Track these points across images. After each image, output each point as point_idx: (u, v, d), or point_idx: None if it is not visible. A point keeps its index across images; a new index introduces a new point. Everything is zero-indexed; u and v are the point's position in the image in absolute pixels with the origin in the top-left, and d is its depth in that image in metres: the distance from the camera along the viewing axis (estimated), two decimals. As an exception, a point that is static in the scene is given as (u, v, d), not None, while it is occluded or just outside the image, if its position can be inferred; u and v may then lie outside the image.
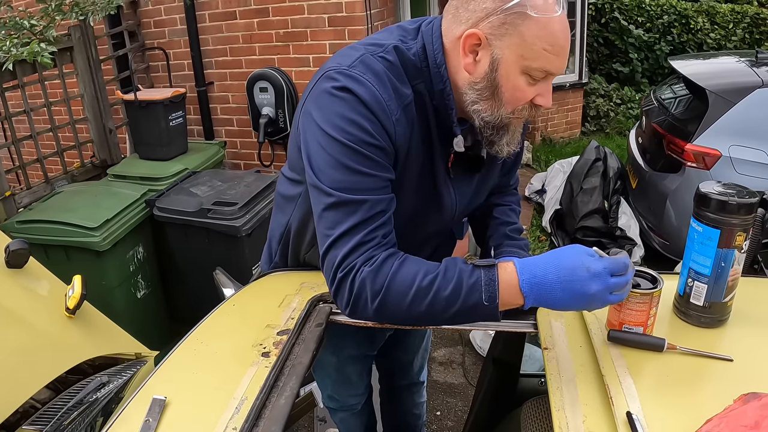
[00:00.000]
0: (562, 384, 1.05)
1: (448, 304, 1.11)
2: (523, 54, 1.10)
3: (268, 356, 1.19)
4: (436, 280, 1.11)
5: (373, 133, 1.12)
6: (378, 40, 1.22)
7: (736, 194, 1.14)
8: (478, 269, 1.11)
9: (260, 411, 1.06)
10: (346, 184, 1.13)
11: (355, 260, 1.13)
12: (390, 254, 1.14)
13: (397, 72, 1.18)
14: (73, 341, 2.07)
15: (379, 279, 1.11)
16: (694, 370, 1.09)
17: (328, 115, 1.14)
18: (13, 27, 3.17)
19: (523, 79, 1.13)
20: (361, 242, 1.13)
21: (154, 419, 1.04)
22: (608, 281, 1.04)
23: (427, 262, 1.15)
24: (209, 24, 4.25)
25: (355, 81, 1.13)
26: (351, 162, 1.12)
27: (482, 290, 1.09)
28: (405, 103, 1.18)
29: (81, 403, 1.90)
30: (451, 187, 1.35)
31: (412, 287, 1.11)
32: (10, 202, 3.43)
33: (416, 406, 2.20)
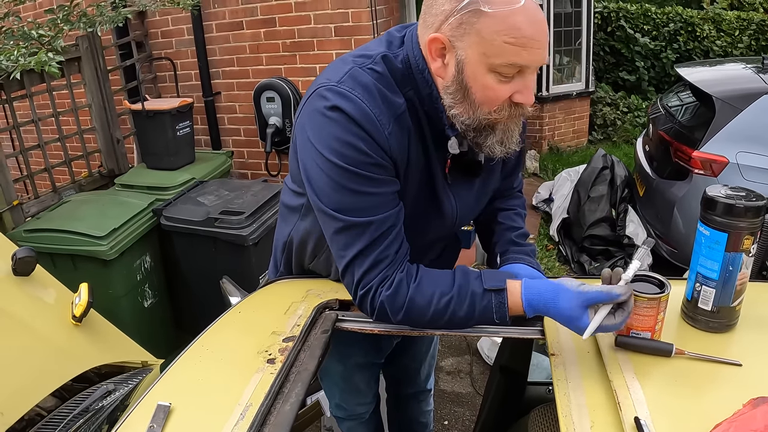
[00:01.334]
0: (569, 390, 1.04)
1: (463, 322, 1.22)
2: (484, 52, 1.08)
3: (274, 363, 1.19)
4: (452, 302, 1.19)
5: (368, 152, 1.13)
6: (367, 51, 1.22)
7: (743, 197, 1.14)
8: (489, 293, 1.19)
9: (265, 417, 1.05)
10: (350, 206, 1.16)
11: (371, 281, 1.19)
12: (405, 273, 1.20)
13: (386, 82, 1.17)
14: (79, 349, 2.06)
15: (398, 301, 1.20)
16: (703, 375, 1.09)
17: (323, 136, 1.15)
18: (22, 37, 3.19)
19: (492, 77, 1.10)
20: (374, 263, 1.18)
21: (158, 425, 1.04)
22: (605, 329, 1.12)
23: (441, 277, 1.21)
24: (216, 34, 4.27)
25: (344, 98, 1.13)
26: (352, 184, 1.14)
27: (494, 312, 1.19)
28: (398, 113, 1.17)
29: (87, 411, 1.90)
30: (450, 193, 1.34)
31: (429, 308, 1.20)
32: (17, 211, 3.45)
33: (423, 414, 2.19)
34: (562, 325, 1.16)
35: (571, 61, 7.13)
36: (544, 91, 6.91)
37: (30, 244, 3.13)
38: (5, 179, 3.40)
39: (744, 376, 1.07)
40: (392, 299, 1.19)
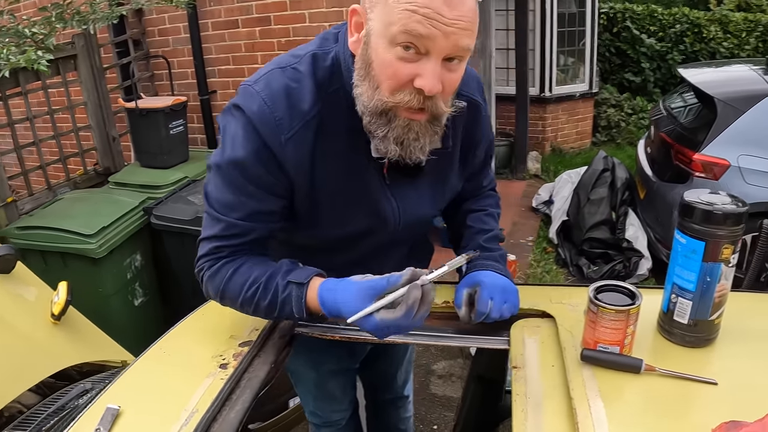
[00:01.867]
0: (528, 406, 0.99)
1: (268, 311, 1.23)
2: (386, 19, 1.00)
3: (226, 368, 1.19)
4: (258, 292, 1.21)
5: (254, 155, 1.12)
6: (299, 50, 1.19)
7: (722, 203, 1.07)
8: (291, 285, 1.19)
9: (210, 424, 1.04)
10: (215, 196, 1.20)
11: (203, 264, 1.25)
12: (228, 261, 1.23)
13: (305, 84, 1.13)
14: (57, 347, 2.06)
15: (215, 284, 1.24)
16: (674, 394, 1.02)
17: (223, 129, 1.18)
18: (15, 35, 3.17)
19: (393, 52, 1.02)
20: (210, 252, 1.23)
21: (105, 428, 1.05)
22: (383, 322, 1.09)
23: (259, 269, 1.22)
24: (212, 33, 4.24)
25: (249, 98, 1.13)
26: (221, 181, 1.18)
27: (293, 305, 1.19)
28: (309, 116, 1.13)
29: (63, 409, 1.89)
30: (390, 195, 1.28)
31: (239, 296, 1.22)
32: (12, 208, 3.44)
33: (402, 421, 2.13)
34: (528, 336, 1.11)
35: (575, 61, 7.07)
36: (546, 92, 6.86)
37: (22, 242, 3.14)
38: (0, 176, 3.38)
39: (719, 397, 1.01)
40: (211, 281, 1.24)
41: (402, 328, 1.10)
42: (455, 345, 1.30)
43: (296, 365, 1.72)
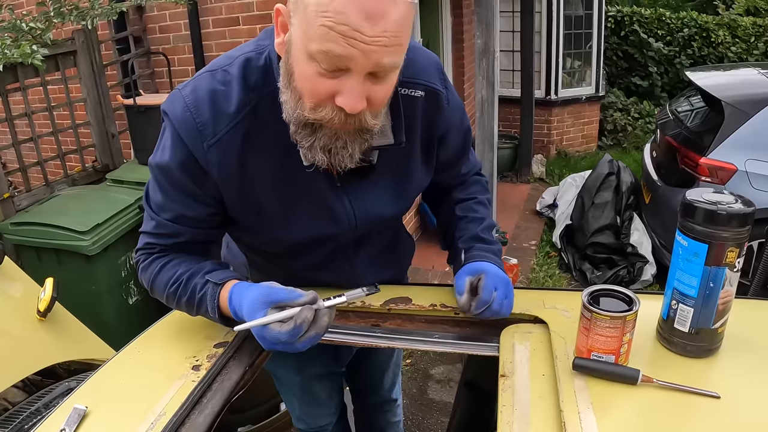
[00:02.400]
0: (514, 418, 0.93)
1: (189, 309, 1.24)
2: (305, 32, 0.92)
3: (198, 370, 1.15)
4: (179, 289, 1.21)
5: (177, 160, 1.11)
6: (236, 51, 1.15)
7: (726, 203, 1.00)
8: (209, 284, 1.19)
9: (177, 428, 1.00)
10: (150, 195, 1.22)
11: (139, 256, 1.29)
12: (158, 257, 1.25)
13: (233, 88, 1.09)
14: (42, 344, 2.04)
15: (146, 277, 1.27)
16: (673, 408, 0.95)
17: (161, 132, 1.16)
18: (13, 29, 3.15)
19: (312, 67, 0.94)
20: (143, 247, 1.27)
21: (70, 429, 1.03)
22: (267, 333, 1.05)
23: (183, 266, 1.23)
24: (213, 30, 4.19)
25: (174, 105, 1.10)
26: (153, 182, 1.19)
27: (207, 304, 1.19)
28: (234, 121, 1.09)
29: (47, 407, 1.88)
30: (342, 195, 1.22)
31: (164, 291, 1.24)
32: (8, 204, 3.41)
33: (390, 426, 2.08)
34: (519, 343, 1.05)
35: (582, 64, 7.00)
36: (552, 95, 6.80)
37: (16, 238, 3.14)
38: (-3, 172, 3.35)
39: (721, 411, 0.94)
40: (143, 274, 1.27)
41: (287, 346, 1.06)
42: (441, 350, 1.24)
43: (280, 369, 1.67)
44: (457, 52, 5.85)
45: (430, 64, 1.23)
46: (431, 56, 1.26)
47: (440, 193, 1.49)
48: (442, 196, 1.49)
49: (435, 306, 1.32)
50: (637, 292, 1.14)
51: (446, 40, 5.54)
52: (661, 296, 1.16)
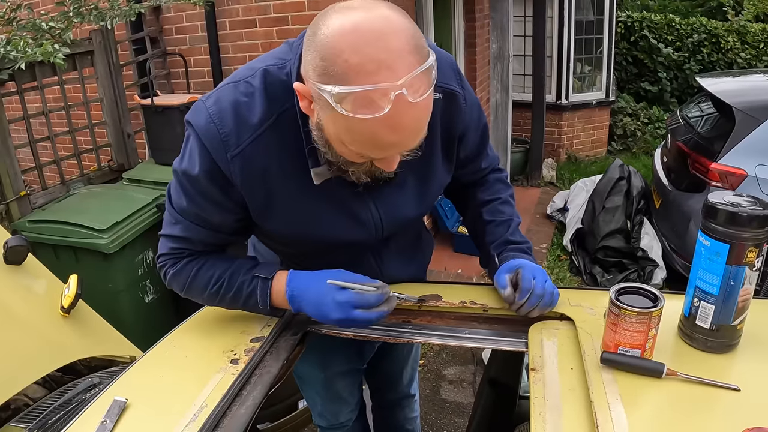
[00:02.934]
0: (546, 410, 0.96)
1: (232, 304, 1.30)
2: (340, 135, 0.97)
3: (237, 363, 1.17)
4: (222, 287, 1.27)
5: (201, 169, 1.12)
6: (256, 63, 1.16)
7: (747, 205, 1.04)
8: (257, 279, 1.26)
9: (219, 420, 1.02)
10: (174, 199, 1.23)
11: (165, 262, 1.31)
12: (190, 261, 1.29)
13: (256, 99, 1.10)
14: (66, 340, 2.05)
15: (180, 281, 1.30)
16: (696, 400, 0.99)
17: (185, 140, 1.18)
18: (32, 28, 3.19)
19: (344, 145, 0.99)
20: (170, 252, 1.29)
21: (111, 421, 1.04)
22: (351, 313, 1.17)
23: (222, 265, 1.28)
24: (229, 31, 4.23)
25: (199, 115, 1.12)
26: (177, 187, 1.20)
27: (257, 297, 1.26)
28: (258, 132, 1.10)
29: (69, 403, 1.89)
30: (368, 201, 1.25)
31: (204, 292, 1.28)
32: (25, 202, 3.45)
33: (408, 421, 2.11)
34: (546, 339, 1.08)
35: (592, 69, 7.03)
36: (563, 99, 6.82)
37: (33, 235, 3.14)
38: (14, 170, 3.39)
39: (742, 403, 0.97)
40: (176, 279, 1.30)
41: (366, 313, 1.19)
42: (472, 346, 1.27)
43: (304, 367, 1.70)
44: (470, 56, 5.88)
45: (445, 64, 1.23)
46: (446, 56, 1.26)
47: (462, 190, 1.52)
48: (465, 194, 1.52)
49: (465, 303, 1.36)
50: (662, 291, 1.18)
51: (459, 44, 5.56)
52: (681, 295, 1.19)
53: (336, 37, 0.89)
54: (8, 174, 3.36)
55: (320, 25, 0.93)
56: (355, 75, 0.87)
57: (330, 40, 0.89)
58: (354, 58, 0.87)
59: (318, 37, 0.91)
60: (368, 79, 0.87)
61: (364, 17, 0.89)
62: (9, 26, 3.27)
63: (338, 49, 0.88)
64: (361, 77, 0.87)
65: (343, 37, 0.88)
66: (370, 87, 0.87)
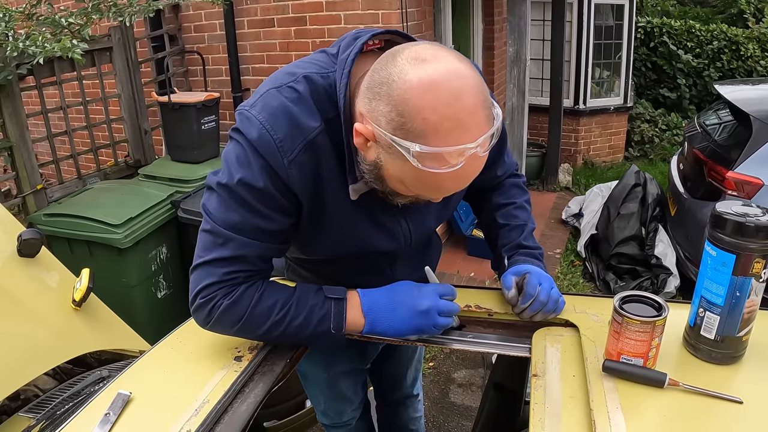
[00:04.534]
0: (546, 416, 0.96)
1: (298, 331, 1.20)
2: (402, 179, 1.01)
3: (240, 361, 1.18)
4: (291, 310, 1.20)
5: (260, 177, 1.09)
6: (295, 68, 1.15)
7: (755, 216, 1.03)
8: (329, 301, 1.22)
9: (220, 416, 1.04)
10: (221, 216, 1.13)
11: (215, 292, 1.16)
12: (249, 286, 1.18)
13: (304, 104, 1.09)
14: (76, 333, 2.07)
15: (239, 311, 1.17)
16: (697, 411, 0.98)
17: (227, 152, 1.14)
18: (52, 24, 3.23)
19: (405, 187, 1.05)
20: (223, 279, 1.16)
21: (114, 413, 1.06)
22: (437, 299, 1.23)
23: (284, 291, 1.22)
24: (247, 30, 4.26)
25: (248, 123, 1.09)
26: (229, 200, 1.12)
27: (331, 321, 1.21)
28: (311, 136, 1.09)
29: (78, 395, 1.91)
30: (400, 218, 1.28)
31: (268, 320, 1.18)
32: (41, 195, 3.50)
33: (412, 421, 2.12)
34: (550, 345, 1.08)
35: (611, 75, 6.99)
36: (581, 104, 6.79)
37: (49, 228, 3.19)
38: (31, 163, 3.45)
39: (744, 416, 0.97)
40: (232, 309, 1.16)
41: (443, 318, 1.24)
42: (475, 350, 1.27)
43: (307, 366, 1.71)
44: (488, 59, 5.88)
45: None
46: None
47: (479, 195, 1.53)
48: (482, 198, 1.54)
49: (470, 307, 1.36)
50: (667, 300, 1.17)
51: (477, 47, 5.56)
52: (687, 304, 1.19)
53: (414, 94, 0.91)
54: (25, 167, 3.41)
55: (393, 76, 0.94)
56: (433, 133, 0.91)
57: (408, 96, 0.92)
58: (433, 117, 0.91)
59: (394, 90, 0.93)
60: (447, 138, 0.92)
61: (439, 73, 0.92)
62: (29, 21, 3.31)
63: (418, 107, 0.91)
64: (439, 136, 0.92)
65: (422, 95, 0.91)
66: (451, 149, 0.92)
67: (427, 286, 1.27)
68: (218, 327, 1.20)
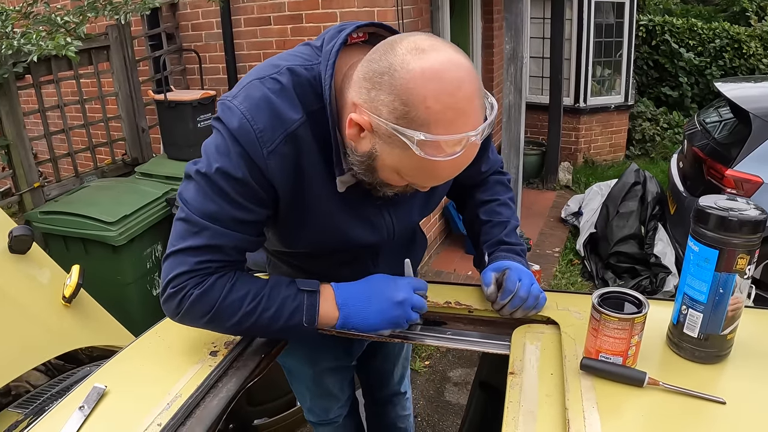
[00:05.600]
0: (520, 414, 0.94)
1: (269, 324, 1.18)
2: (399, 168, 1.03)
3: (216, 356, 1.19)
4: (262, 301, 1.17)
5: (238, 167, 1.08)
6: (279, 60, 1.15)
7: (738, 210, 1.01)
8: (302, 293, 1.21)
9: (192, 410, 1.05)
10: (197, 205, 1.12)
11: (186, 281, 1.14)
12: (221, 276, 1.16)
13: (286, 96, 1.09)
14: (66, 329, 2.08)
15: (209, 301, 1.15)
16: (677, 411, 0.96)
17: (207, 142, 1.13)
18: (48, 22, 3.23)
19: (398, 176, 1.06)
20: (195, 268, 1.14)
21: (89, 406, 1.07)
22: (411, 293, 1.23)
23: (257, 282, 1.20)
24: (244, 29, 4.26)
25: (229, 113, 1.09)
26: (207, 189, 1.11)
27: (303, 313, 1.19)
28: (290, 129, 1.08)
29: (67, 390, 1.92)
30: (384, 211, 1.27)
31: (239, 311, 1.16)
32: (38, 193, 3.50)
33: (400, 419, 2.11)
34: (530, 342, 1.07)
35: (612, 73, 6.96)
36: (581, 102, 6.76)
37: (45, 226, 3.20)
38: (28, 161, 3.45)
39: (725, 416, 0.95)
40: (203, 299, 1.14)
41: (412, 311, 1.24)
42: (453, 347, 1.26)
43: (292, 362, 1.70)
44: (487, 57, 5.86)
45: None
46: None
47: (463, 192, 1.53)
48: (466, 195, 1.53)
49: (449, 303, 1.35)
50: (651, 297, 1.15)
51: (476, 45, 5.54)
52: (671, 302, 1.17)
53: (418, 83, 0.93)
54: (22, 165, 3.42)
55: (395, 65, 0.95)
56: (436, 122, 0.93)
57: (412, 85, 0.93)
58: (436, 106, 0.93)
59: (396, 80, 0.94)
60: (449, 127, 0.94)
61: (440, 63, 0.94)
62: (26, 20, 3.31)
63: (421, 96, 0.93)
64: (442, 125, 0.94)
65: (425, 84, 0.93)
66: (454, 137, 0.94)
67: (403, 279, 1.26)
68: (188, 318, 1.17)
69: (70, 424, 1.04)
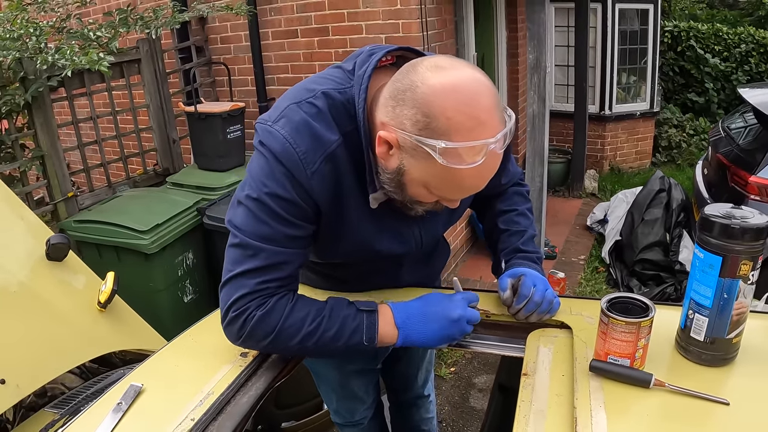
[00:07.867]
0: (531, 413, 0.99)
1: (332, 343, 1.23)
2: (426, 181, 1.09)
3: (246, 356, 1.25)
4: (323, 322, 1.22)
5: (285, 188, 1.14)
6: (313, 84, 1.21)
7: (740, 218, 1.05)
8: (362, 314, 1.25)
9: (223, 406, 1.11)
10: (251, 229, 1.17)
11: (248, 304, 1.18)
12: (281, 297, 1.21)
13: (323, 118, 1.15)
14: (101, 333, 2.15)
15: (271, 322, 1.19)
16: (682, 412, 1.00)
17: (251, 166, 1.20)
18: (81, 37, 3.35)
19: (427, 190, 1.12)
20: (256, 290, 1.18)
21: (126, 403, 1.15)
22: (467, 308, 1.28)
23: (316, 303, 1.26)
24: (272, 41, 4.34)
25: (272, 137, 1.15)
26: (258, 212, 1.16)
27: (363, 333, 1.24)
28: (330, 149, 1.15)
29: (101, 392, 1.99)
30: (414, 225, 1.35)
31: (301, 330, 1.21)
32: (72, 203, 3.61)
33: (424, 422, 2.16)
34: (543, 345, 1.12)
35: (637, 80, 6.94)
36: (606, 110, 6.75)
37: (79, 234, 3.29)
38: (62, 171, 3.56)
39: (729, 417, 0.98)
40: (266, 318, 1.19)
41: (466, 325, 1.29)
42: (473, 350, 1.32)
43: (319, 365, 1.77)
44: (512, 66, 5.89)
45: None
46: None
47: (483, 201, 1.60)
48: (485, 205, 1.61)
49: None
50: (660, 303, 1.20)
51: (501, 54, 5.58)
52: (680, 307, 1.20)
53: (438, 96, 1.00)
54: (56, 176, 3.52)
55: (416, 82, 1.02)
56: (456, 131, 0.99)
57: (432, 98, 1.00)
58: (456, 116, 0.99)
59: (417, 95, 1.01)
60: (468, 135, 1.00)
61: (459, 78, 1.01)
62: (59, 35, 3.44)
63: (441, 107, 0.99)
64: (461, 133, 1.00)
65: (444, 96, 1.00)
66: (473, 143, 1.00)
67: (456, 295, 1.31)
68: (251, 339, 1.21)
69: (107, 421, 1.11)
